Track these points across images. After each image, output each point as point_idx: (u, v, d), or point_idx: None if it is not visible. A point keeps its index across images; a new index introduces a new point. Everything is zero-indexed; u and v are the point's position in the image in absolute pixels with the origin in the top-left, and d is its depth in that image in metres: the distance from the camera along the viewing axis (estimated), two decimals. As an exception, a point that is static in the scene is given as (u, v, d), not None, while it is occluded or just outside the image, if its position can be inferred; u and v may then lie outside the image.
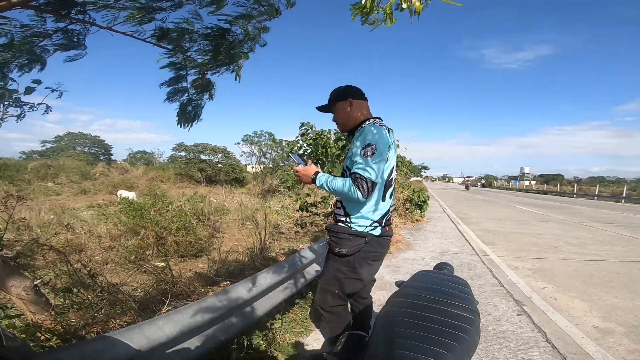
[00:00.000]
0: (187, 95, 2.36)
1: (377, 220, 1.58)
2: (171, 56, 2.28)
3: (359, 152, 1.47)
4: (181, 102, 2.36)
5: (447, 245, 5.68)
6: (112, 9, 1.86)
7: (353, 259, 1.59)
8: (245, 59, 2.32)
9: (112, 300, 2.09)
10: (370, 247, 1.59)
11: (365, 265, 1.62)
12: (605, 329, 2.58)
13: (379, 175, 1.48)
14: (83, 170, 20.48)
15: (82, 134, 40.76)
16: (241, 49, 2.29)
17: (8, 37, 1.82)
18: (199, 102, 2.39)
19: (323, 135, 6.14)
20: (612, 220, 10.17)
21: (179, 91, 2.36)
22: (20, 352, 0.93)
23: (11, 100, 1.92)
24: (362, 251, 1.58)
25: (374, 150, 1.45)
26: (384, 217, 1.61)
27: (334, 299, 1.70)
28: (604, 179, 53.65)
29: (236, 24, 2.16)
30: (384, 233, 1.63)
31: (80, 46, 2.07)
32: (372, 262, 1.66)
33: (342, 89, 1.70)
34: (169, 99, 2.36)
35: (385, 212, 1.61)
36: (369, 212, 1.56)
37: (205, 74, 2.35)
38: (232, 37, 2.21)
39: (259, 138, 24.14)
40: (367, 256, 1.61)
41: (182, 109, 2.35)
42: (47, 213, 6.69)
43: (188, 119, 2.37)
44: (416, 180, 26.45)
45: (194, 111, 2.38)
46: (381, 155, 1.48)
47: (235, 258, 3.85)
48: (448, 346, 0.86)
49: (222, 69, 2.37)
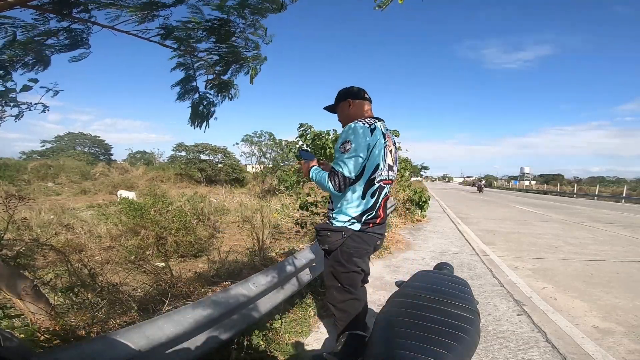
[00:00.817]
0: (197, 94, 2.34)
1: (355, 216, 1.62)
2: (180, 56, 2.27)
3: (338, 148, 1.57)
4: (193, 103, 2.34)
5: (447, 245, 5.68)
6: (114, 7, 1.86)
7: (338, 254, 1.65)
8: (262, 61, 2.31)
9: (112, 300, 2.09)
10: (351, 241, 1.63)
11: (351, 260, 1.65)
12: (605, 329, 2.58)
13: (352, 171, 1.53)
14: (83, 170, 20.50)
15: (82, 134, 40.83)
16: (246, 44, 2.26)
17: (10, 35, 1.82)
18: (211, 100, 2.36)
19: (322, 136, 6.14)
20: (612, 220, 10.17)
21: (190, 91, 2.35)
22: (19, 352, 0.93)
23: (8, 99, 1.91)
24: (344, 245, 1.63)
25: (349, 146, 1.52)
26: (365, 214, 1.63)
27: (340, 293, 1.72)
28: (604, 179, 53.64)
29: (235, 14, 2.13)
30: (365, 229, 1.64)
31: (84, 45, 2.06)
32: (357, 258, 1.67)
33: (343, 90, 1.77)
34: (180, 99, 2.34)
35: (366, 209, 1.63)
36: (348, 208, 1.62)
37: (218, 74, 2.33)
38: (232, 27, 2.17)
39: (259, 138, 24.12)
40: (349, 251, 1.64)
41: (193, 110, 2.33)
42: (47, 213, 6.69)
43: (203, 118, 2.33)
44: (416, 180, 26.44)
45: (207, 110, 2.35)
46: (356, 152, 1.52)
47: (235, 258, 3.85)
48: (448, 346, 0.86)
49: (234, 69, 2.34)
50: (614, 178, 55.16)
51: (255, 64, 2.33)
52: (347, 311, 1.72)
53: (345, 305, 1.72)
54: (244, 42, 2.24)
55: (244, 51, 2.28)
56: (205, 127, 2.36)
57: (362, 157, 1.54)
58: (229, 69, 2.34)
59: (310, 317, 2.62)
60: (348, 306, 1.72)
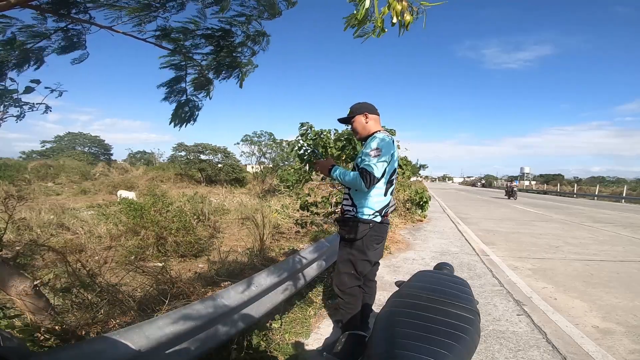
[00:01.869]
0: (184, 96, 2.35)
1: (378, 210, 1.95)
2: (172, 56, 2.27)
3: (369, 153, 1.84)
4: (178, 102, 2.35)
5: (447, 245, 5.68)
6: (112, 7, 1.86)
7: (362, 243, 1.93)
8: (252, 67, 2.34)
9: (111, 300, 2.09)
10: (374, 231, 1.94)
11: (371, 247, 1.96)
12: (605, 329, 2.58)
13: (380, 172, 1.84)
14: (83, 170, 20.50)
15: (82, 134, 40.83)
16: (243, 51, 2.28)
17: (9, 36, 1.82)
18: (196, 103, 2.38)
19: (323, 135, 6.13)
20: (612, 220, 10.17)
21: (177, 92, 2.35)
22: (18, 352, 0.93)
23: (11, 100, 1.91)
24: (369, 235, 1.93)
25: (380, 153, 1.83)
26: (384, 209, 1.99)
27: (350, 279, 2.00)
28: (604, 179, 53.58)
29: (237, 25, 2.15)
30: (384, 221, 2.01)
31: (82, 46, 2.06)
32: (377, 245, 2.00)
33: (358, 105, 2.08)
34: (166, 99, 2.35)
35: (385, 205, 1.99)
36: (373, 204, 1.93)
37: (205, 72, 2.34)
38: (233, 37, 2.20)
39: (258, 138, 24.13)
40: (372, 239, 1.95)
41: (177, 110, 2.34)
42: (47, 213, 6.69)
43: (182, 120, 2.36)
44: (416, 180, 26.41)
45: (190, 112, 2.37)
46: (384, 157, 1.85)
47: (235, 258, 3.85)
48: (448, 346, 0.86)
49: (226, 73, 2.36)
50: (614, 178, 55.10)
51: (246, 70, 2.36)
52: (354, 295, 2.01)
53: (353, 290, 2.01)
54: (241, 49, 2.27)
55: (240, 57, 2.31)
56: (182, 127, 2.38)
57: (387, 162, 1.87)
58: (221, 73, 2.37)
59: (310, 317, 2.62)
60: (355, 291, 2.02)
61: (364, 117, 2.03)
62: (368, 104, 2.08)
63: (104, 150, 41.94)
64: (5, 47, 1.85)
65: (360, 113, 2.04)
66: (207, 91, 2.40)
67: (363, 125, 2.04)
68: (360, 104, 2.08)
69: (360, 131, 2.06)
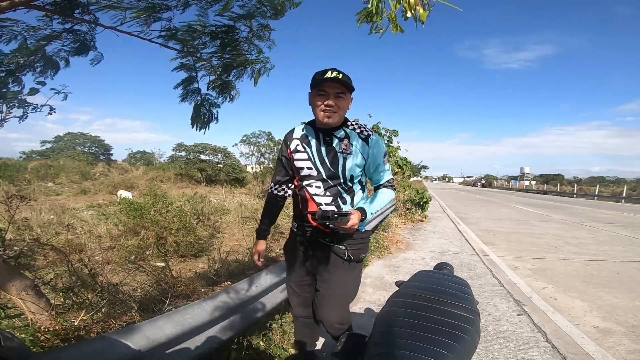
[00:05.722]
0: (199, 96, 2.34)
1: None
2: (183, 57, 2.27)
3: (382, 161, 1.53)
4: (195, 104, 2.33)
5: (447, 245, 5.68)
6: (117, 9, 1.85)
7: (362, 261, 1.64)
8: (267, 66, 2.32)
9: (112, 300, 2.09)
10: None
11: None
12: (605, 329, 2.58)
13: None
14: (83, 170, 20.47)
15: (82, 134, 40.79)
16: (249, 47, 2.27)
17: (19, 40, 1.81)
18: (212, 101, 2.36)
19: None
20: (612, 220, 10.17)
21: (192, 92, 2.34)
22: (19, 352, 0.93)
23: (15, 101, 1.91)
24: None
25: (388, 157, 1.58)
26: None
27: (348, 309, 1.67)
28: (604, 179, 53.56)
29: (239, 21, 2.13)
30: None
31: (93, 48, 2.05)
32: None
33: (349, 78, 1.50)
34: (184, 100, 2.34)
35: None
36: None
37: (218, 72, 2.33)
38: (237, 34, 2.18)
39: (256, 138, 24.07)
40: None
41: (195, 112, 2.32)
42: (47, 213, 6.69)
43: (204, 122, 2.32)
44: (416, 180, 26.37)
45: (209, 112, 2.34)
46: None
47: (235, 258, 3.85)
48: (448, 346, 0.86)
49: (237, 72, 2.35)
50: (614, 178, 55.08)
51: (259, 67, 2.34)
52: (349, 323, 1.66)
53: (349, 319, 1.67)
54: (247, 47, 2.26)
55: (247, 55, 2.30)
56: (205, 130, 2.36)
57: None
58: (232, 72, 2.35)
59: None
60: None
61: (351, 98, 1.51)
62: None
63: (104, 150, 41.90)
64: (19, 52, 1.84)
65: (351, 91, 1.49)
66: (229, 94, 2.38)
67: (347, 108, 1.49)
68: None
69: (342, 115, 1.49)
